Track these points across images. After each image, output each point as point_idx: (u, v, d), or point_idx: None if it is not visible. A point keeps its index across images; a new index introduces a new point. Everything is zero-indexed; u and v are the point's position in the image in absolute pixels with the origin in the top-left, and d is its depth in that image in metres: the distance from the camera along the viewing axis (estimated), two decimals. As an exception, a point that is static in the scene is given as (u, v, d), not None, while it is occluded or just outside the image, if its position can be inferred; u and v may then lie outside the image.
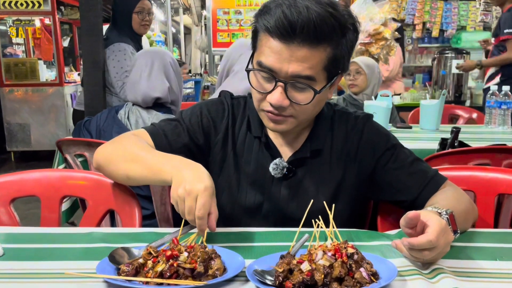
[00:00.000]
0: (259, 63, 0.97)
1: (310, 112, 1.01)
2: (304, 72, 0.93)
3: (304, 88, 0.95)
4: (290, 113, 0.98)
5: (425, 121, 2.49)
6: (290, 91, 0.96)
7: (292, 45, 0.91)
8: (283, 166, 1.07)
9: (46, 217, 1.18)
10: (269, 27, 0.92)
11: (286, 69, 0.93)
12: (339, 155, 1.10)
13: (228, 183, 1.12)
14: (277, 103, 0.95)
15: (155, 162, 0.96)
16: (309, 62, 0.92)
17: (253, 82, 1.00)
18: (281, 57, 0.92)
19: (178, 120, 1.14)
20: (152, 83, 1.78)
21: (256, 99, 1.02)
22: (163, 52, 1.86)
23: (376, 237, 0.97)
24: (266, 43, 0.95)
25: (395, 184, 1.09)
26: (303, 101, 0.96)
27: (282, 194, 1.09)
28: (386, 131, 1.15)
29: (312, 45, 0.91)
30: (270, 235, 0.97)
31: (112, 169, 1.05)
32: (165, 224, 1.73)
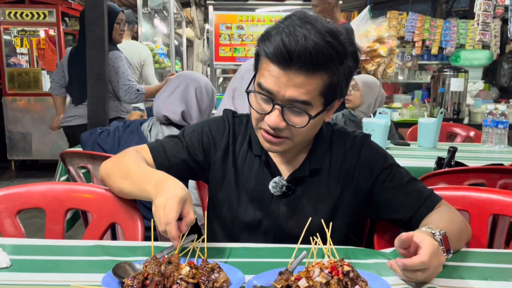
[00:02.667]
0: (259, 84, 1.01)
1: (305, 134, 1.05)
2: (301, 97, 0.97)
3: (300, 112, 0.99)
4: (286, 134, 1.02)
5: (422, 139, 2.53)
6: (287, 114, 0.99)
7: (290, 72, 0.95)
8: (282, 184, 1.10)
9: (50, 229, 1.20)
10: (269, 53, 0.96)
11: (284, 93, 0.97)
12: (337, 174, 1.13)
13: (228, 199, 1.16)
14: (274, 124, 0.99)
15: (141, 179, 1.03)
16: (305, 88, 0.96)
17: (253, 103, 1.04)
18: (279, 82, 0.96)
19: (179, 137, 1.20)
20: (167, 103, 1.84)
21: (254, 118, 1.06)
22: (193, 78, 1.89)
23: (371, 255, 1.00)
24: (266, 67, 0.99)
25: (391, 203, 1.12)
26: (299, 124, 1.00)
27: (281, 211, 1.12)
28: (383, 151, 1.18)
29: (308, 73, 0.95)
30: (269, 251, 1.00)
31: (110, 182, 1.14)
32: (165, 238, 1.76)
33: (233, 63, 4.75)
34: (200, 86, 1.87)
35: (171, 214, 0.89)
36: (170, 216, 0.89)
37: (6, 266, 0.88)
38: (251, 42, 4.59)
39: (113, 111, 2.89)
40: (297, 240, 0.94)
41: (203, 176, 1.22)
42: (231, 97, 1.75)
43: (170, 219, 0.89)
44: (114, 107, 2.90)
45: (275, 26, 0.98)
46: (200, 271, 0.79)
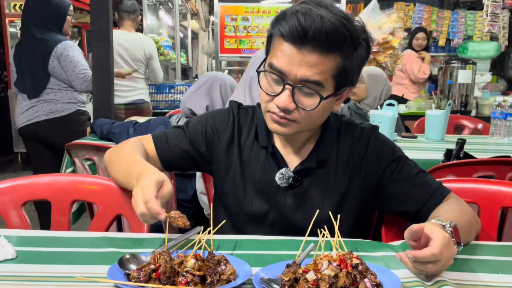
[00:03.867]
0: (270, 64, 1.00)
1: (314, 120, 1.03)
2: (313, 77, 0.96)
3: (311, 93, 0.98)
4: (294, 117, 1.00)
5: (430, 131, 2.51)
6: (297, 95, 0.98)
7: (304, 50, 0.94)
8: (289, 175, 1.09)
9: (56, 220, 1.20)
10: (283, 32, 0.95)
11: (296, 72, 0.96)
12: (344, 166, 1.12)
13: (234, 191, 1.15)
14: (284, 105, 0.98)
15: (128, 170, 1.03)
16: (318, 68, 0.95)
17: (263, 84, 1.03)
18: (292, 61, 0.95)
19: (183, 128, 1.20)
20: (192, 97, 1.95)
21: (263, 100, 1.04)
22: (219, 76, 2.01)
23: (380, 247, 0.98)
24: (279, 46, 0.98)
25: (399, 195, 1.11)
26: (309, 107, 0.98)
27: (287, 203, 1.11)
28: (391, 143, 1.17)
29: (322, 52, 0.94)
30: (276, 243, 0.99)
31: (109, 170, 1.16)
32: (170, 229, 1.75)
33: (239, 55, 4.72)
34: (225, 83, 1.97)
35: (148, 192, 0.88)
36: (148, 194, 0.87)
37: (11, 258, 0.87)
38: (256, 34, 4.56)
39: (71, 103, 2.79)
40: (304, 232, 0.92)
41: (206, 168, 1.21)
42: (247, 86, 1.74)
43: (148, 196, 0.87)
44: (73, 98, 2.79)
45: (290, 8, 0.98)
46: (206, 263, 0.78)
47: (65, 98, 2.78)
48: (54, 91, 2.76)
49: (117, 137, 2.05)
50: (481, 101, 4.40)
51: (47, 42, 2.72)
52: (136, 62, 3.57)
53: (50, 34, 2.76)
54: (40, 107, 2.76)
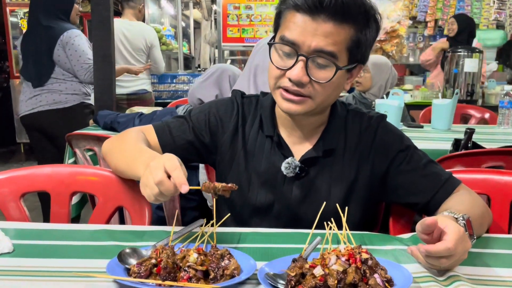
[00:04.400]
0: (282, 37, 0.96)
1: (327, 96, 0.99)
2: (328, 48, 0.93)
3: (325, 66, 0.95)
4: (307, 92, 0.97)
5: (437, 121, 2.46)
6: (311, 68, 0.95)
7: (318, 19, 0.92)
8: (296, 165, 1.06)
9: (56, 212, 1.17)
10: (298, 2, 0.93)
11: (310, 42, 0.93)
12: (352, 155, 1.08)
13: (238, 182, 1.10)
14: (297, 78, 0.94)
15: (133, 157, 0.99)
16: (333, 38, 0.93)
17: (274, 58, 0.99)
18: (306, 31, 0.93)
19: (185, 118, 1.15)
20: (201, 87, 1.94)
21: (274, 76, 1.00)
22: (227, 67, 2.01)
23: (389, 240, 0.95)
24: (292, 18, 0.95)
25: (408, 186, 1.07)
26: (323, 79, 0.95)
27: (293, 194, 1.08)
28: (400, 132, 1.13)
29: (337, 21, 0.92)
30: (282, 236, 0.96)
31: (108, 160, 1.12)
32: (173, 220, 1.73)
33: (241, 44, 4.66)
34: (234, 74, 1.96)
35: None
36: (159, 174, 0.82)
37: (8, 251, 0.85)
38: (259, 22, 4.50)
39: (75, 95, 2.74)
40: (310, 224, 0.90)
41: (209, 159, 1.18)
42: (252, 75, 1.70)
43: (160, 176, 0.81)
44: (77, 90, 2.75)
45: None
46: (209, 257, 0.76)
47: (69, 89, 2.73)
48: (59, 81, 2.71)
49: (122, 126, 2.03)
50: (488, 90, 4.33)
51: (53, 30, 2.67)
52: (136, 51, 3.52)
53: (57, 22, 2.71)
54: (44, 97, 2.71)
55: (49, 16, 2.69)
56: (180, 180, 0.81)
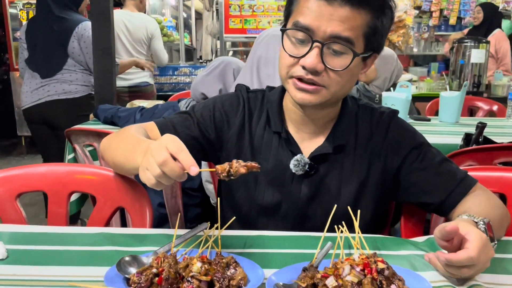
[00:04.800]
0: (295, 23, 0.91)
1: (342, 85, 0.94)
2: (344, 33, 0.88)
3: (341, 52, 0.90)
4: (322, 81, 0.91)
5: (444, 114, 2.40)
6: (326, 55, 0.90)
7: (335, 3, 0.87)
8: (305, 162, 1.01)
9: (53, 213, 1.13)
10: None
11: (325, 28, 0.88)
12: (363, 152, 1.04)
13: (244, 181, 1.06)
14: (312, 65, 0.89)
15: (131, 148, 0.91)
16: (349, 23, 0.88)
17: (286, 45, 0.94)
18: (321, 15, 0.88)
19: (189, 113, 1.09)
20: (205, 81, 1.87)
21: (286, 64, 0.94)
22: (231, 60, 1.93)
23: (403, 245, 0.90)
24: (305, 3, 0.90)
25: (421, 185, 1.02)
26: (339, 67, 0.90)
27: (302, 193, 1.03)
28: (412, 129, 1.08)
29: (353, 6, 0.87)
30: (290, 240, 0.91)
31: (106, 156, 1.06)
32: (175, 218, 1.69)
33: (244, 35, 4.58)
34: (238, 67, 1.88)
35: (162, 153, 0.73)
36: (163, 155, 0.73)
37: (1, 258, 0.80)
38: (262, 13, 4.42)
39: (85, 86, 2.71)
40: (318, 224, 0.87)
41: (214, 156, 1.12)
42: (255, 68, 1.64)
43: (163, 156, 0.73)
44: (87, 81, 2.71)
45: None
46: (214, 266, 0.71)
47: (79, 80, 2.71)
48: (70, 71, 2.69)
49: (123, 121, 1.98)
50: (494, 81, 4.26)
51: (67, 21, 2.64)
52: (138, 43, 3.46)
53: (69, 13, 2.68)
54: (52, 87, 2.68)
55: (60, 6, 2.66)
56: (187, 162, 0.73)
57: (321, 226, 1.01)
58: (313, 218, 1.03)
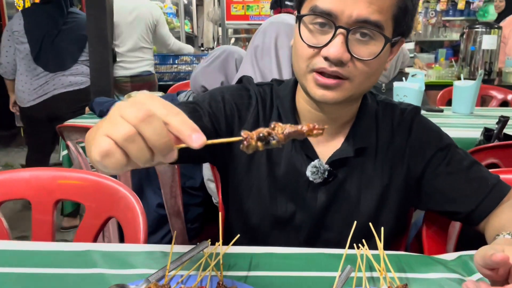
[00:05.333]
0: (313, 8, 0.78)
1: (368, 77, 0.82)
2: (373, 17, 0.76)
3: (369, 39, 0.78)
4: (348, 73, 0.79)
5: (459, 105, 2.28)
6: (352, 43, 0.78)
7: None
8: (324, 169, 0.89)
9: (38, 220, 1.02)
10: None
11: (351, 11, 0.75)
12: (384, 155, 0.92)
13: (256, 188, 0.94)
14: (337, 55, 0.76)
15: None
16: (378, 4, 0.76)
17: (304, 34, 0.81)
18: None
19: (196, 103, 0.92)
20: (206, 73, 1.73)
21: (304, 57, 0.82)
22: (233, 50, 1.78)
23: (431, 265, 0.79)
24: None
25: (448, 192, 0.91)
26: (368, 56, 0.78)
27: (319, 202, 0.91)
28: (437, 128, 0.96)
29: None
30: (304, 259, 0.80)
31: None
32: (175, 219, 1.58)
33: (246, 22, 4.44)
34: (241, 57, 1.73)
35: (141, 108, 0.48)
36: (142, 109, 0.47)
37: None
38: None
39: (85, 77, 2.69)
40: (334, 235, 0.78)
41: (221, 157, 0.97)
42: (254, 58, 1.51)
43: (145, 111, 0.47)
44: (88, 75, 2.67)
45: None
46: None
47: (85, 73, 2.70)
48: (78, 64, 2.69)
49: None
50: (506, 68, 4.11)
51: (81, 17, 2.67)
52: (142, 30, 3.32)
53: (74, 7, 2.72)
54: (58, 80, 2.65)
55: None
56: (185, 127, 0.49)
57: (338, 237, 0.91)
58: (330, 229, 0.92)
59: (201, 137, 0.48)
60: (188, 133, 0.48)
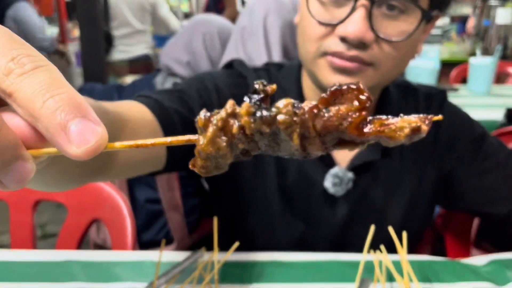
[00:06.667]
0: None
1: (398, 62, 0.66)
2: None
3: (400, 13, 0.63)
4: (371, 58, 0.64)
5: (475, 83, 2.14)
6: (377, 19, 0.62)
7: None
8: (349, 179, 0.74)
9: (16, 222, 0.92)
10: None
11: None
12: (412, 153, 0.78)
13: (262, 201, 0.78)
14: (358, 34, 0.60)
15: None
16: None
17: (314, 8, 0.65)
18: None
19: (181, 91, 0.73)
20: (170, 50, 1.53)
21: (314, 37, 0.66)
22: (203, 21, 1.53)
23: (461, 272, 0.68)
24: None
25: (483, 191, 0.79)
26: (398, 35, 0.63)
27: (338, 216, 0.77)
28: (466, 115, 0.83)
29: None
30: (313, 268, 0.69)
31: None
32: (173, 213, 1.48)
33: (248, 0, 4.26)
34: (210, 31, 1.48)
35: None
36: None
37: None
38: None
39: None
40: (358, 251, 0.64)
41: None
42: (239, 41, 1.35)
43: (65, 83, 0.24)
44: None
45: None
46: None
47: None
48: None
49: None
50: (520, 43, 3.93)
51: None
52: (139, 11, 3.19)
53: None
54: None
55: None
56: (55, 103, 0.23)
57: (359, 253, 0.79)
58: (351, 246, 0.77)
59: (94, 131, 0.23)
60: (62, 119, 0.23)
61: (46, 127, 0.23)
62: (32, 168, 0.24)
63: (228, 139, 0.23)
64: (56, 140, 0.23)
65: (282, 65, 0.83)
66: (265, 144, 0.23)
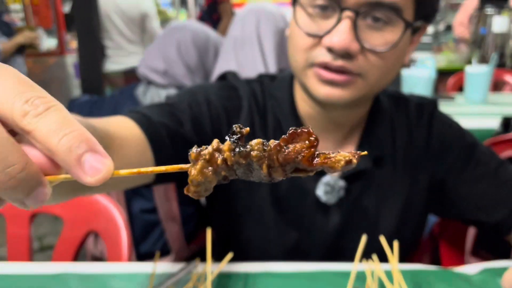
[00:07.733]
0: None
1: (385, 72, 0.68)
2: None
3: (384, 24, 0.64)
4: (358, 68, 0.65)
5: (471, 92, 2.15)
6: (362, 29, 0.64)
7: None
8: (340, 187, 0.75)
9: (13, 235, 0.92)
10: None
11: None
12: (403, 161, 0.79)
13: (255, 211, 0.79)
14: (342, 45, 0.62)
15: None
16: None
17: (301, 20, 0.67)
18: None
19: (172, 105, 0.74)
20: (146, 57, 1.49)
21: (302, 48, 0.67)
22: (178, 28, 1.50)
23: (452, 281, 0.68)
24: None
25: (474, 199, 0.79)
26: (383, 45, 0.64)
27: (331, 225, 0.78)
28: (457, 124, 0.85)
29: None
30: (305, 279, 0.70)
31: None
32: (171, 224, 1.48)
33: (246, 10, 4.30)
34: (184, 37, 1.44)
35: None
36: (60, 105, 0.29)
37: None
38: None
39: None
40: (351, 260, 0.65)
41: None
42: (232, 49, 1.34)
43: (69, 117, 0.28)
44: None
45: None
46: None
47: None
48: None
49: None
50: (517, 51, 3.95)
51: None
52: (130, 23, 3.20)
53: None
54: None
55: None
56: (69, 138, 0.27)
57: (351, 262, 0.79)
58: (346, 252, 0.78)
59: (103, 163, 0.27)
60: (77, 154, 0.27)
61: (63, 160, 0.27)
62: (49, 191, 0.28)
63: (213, 168, 0.30)
64: (73, 171, 0.27)
65: (275, 77, 0.84)
66: (241, 172, 0.31)
